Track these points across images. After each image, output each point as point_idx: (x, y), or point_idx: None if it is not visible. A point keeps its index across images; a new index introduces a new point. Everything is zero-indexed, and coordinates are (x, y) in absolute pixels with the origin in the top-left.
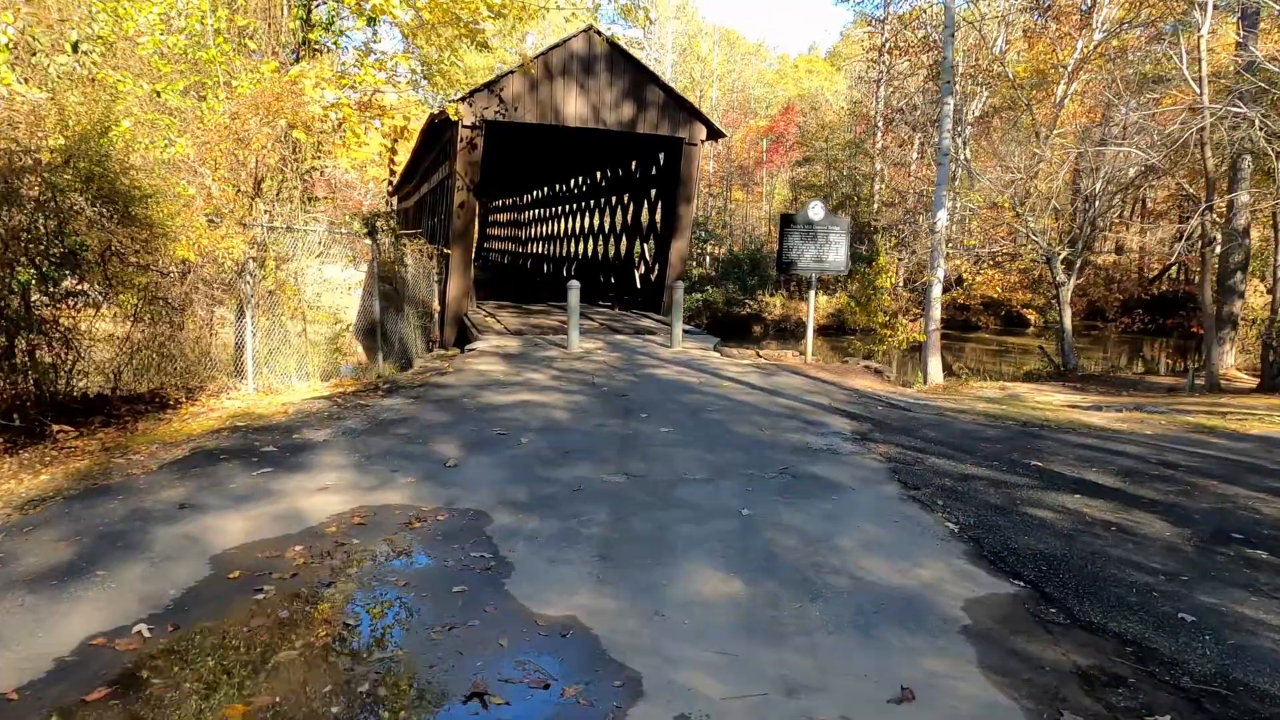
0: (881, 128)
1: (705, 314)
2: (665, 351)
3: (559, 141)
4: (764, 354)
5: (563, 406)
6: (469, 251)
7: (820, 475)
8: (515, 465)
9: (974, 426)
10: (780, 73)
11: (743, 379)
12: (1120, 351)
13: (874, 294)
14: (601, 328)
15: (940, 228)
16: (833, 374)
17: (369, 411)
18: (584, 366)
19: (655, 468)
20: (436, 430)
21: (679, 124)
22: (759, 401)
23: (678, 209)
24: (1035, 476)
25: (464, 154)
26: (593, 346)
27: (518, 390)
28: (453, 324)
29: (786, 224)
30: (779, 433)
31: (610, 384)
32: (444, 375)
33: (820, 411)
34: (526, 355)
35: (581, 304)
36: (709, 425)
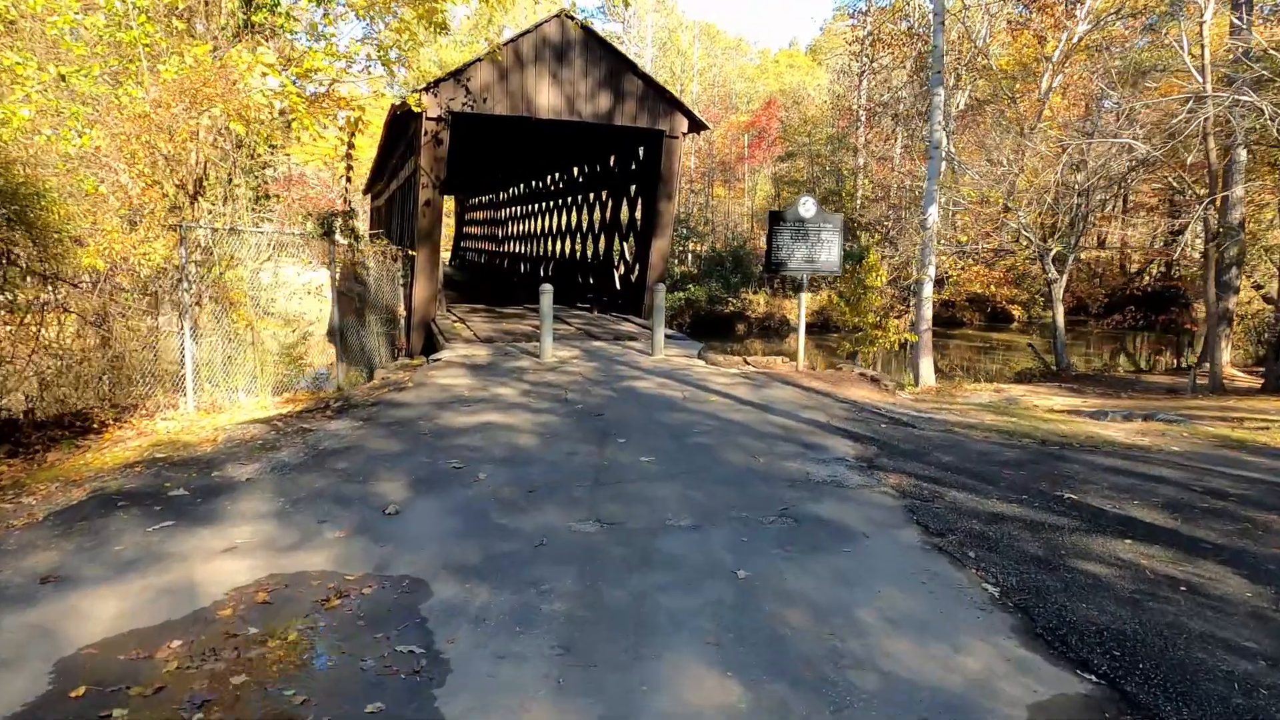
0: (864, 122)
1: (688, 312)
2: (646, 360)
3: (533, 135)
4: (752, 362)
5: (531, 429)
6: (436, 252)
7: (826, 518)
8: (469, 510)
9: (989, 447)
10: (761, 68)
11: (731, 393)
12: (1106, 348)
13: (864, 293)
14: (578, 333)
15: (931, 223)
16: (826, 383)
17: (310, 438)
18: (557, 379)
19: (634, 510)
20: (383, 463)
21: (658, 115)
22: (750, 420)
23: (658, 205)
24: (1073, 514)
25: (429, 148)
26: (568, 355)
27: (482, 409)
28: (420, 330)
29: (775, 221)
30: (775, 460)
31: (585, 400)
32: (402, 391)
33: (818, 431)
34: (495, 366)
35: (559, 306)
36: (695, 452)
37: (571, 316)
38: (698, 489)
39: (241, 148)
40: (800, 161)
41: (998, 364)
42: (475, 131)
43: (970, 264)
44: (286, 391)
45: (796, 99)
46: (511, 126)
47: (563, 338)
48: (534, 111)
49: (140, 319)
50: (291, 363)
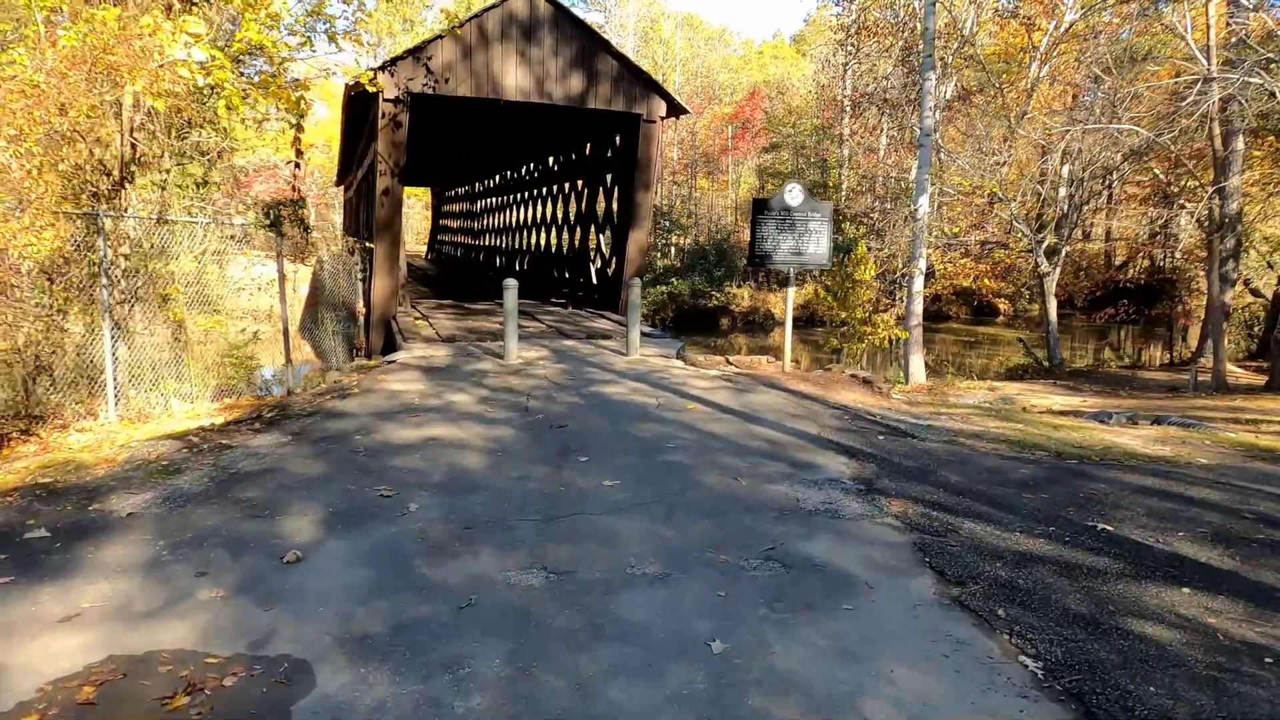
0: (849, 112)
1: (670, 306)
2: (620, 361)
3: (502, 120)
4: (735, 362)
5: (481, 446)
6: (396, 245)
7: (821, 560)
8: (388, 556)
9: (1001, 462)
10: (745, 59)
11: (711, 398)
12: (1092, 342)
13: (852, 287)
14: (549, 331)
15: (922, 215)
16: (815, 386)
17: (224, 458)
18: (520, 384)
19: (589, 554)
20: (299, 491)
21: (635, 98)
22: (731, 433)
23: (635, 196)
24: (1112, 552)
25: (386, 132)
26: (535, 356)
27: (431, 420)
28: (380, 328)
29: (760, 211)
30: (759, 483)
31: (548, 409)
32: (346, 398)
33: (809, 446)
34: (454, 369)
35: (534, 302)
36: (668, 473)
37: (544, 313)
38: (668, 522)
39: (172, 130)
40: (785, 153)
41: (987, 359)
42: (439, 115)
43: (958, 257)
44: (232, 396)
45: (780, 89)
46: (478, 110)
47: (532, 336)
48: (501, 93)
49: (49, 319)
50: (238, 365)
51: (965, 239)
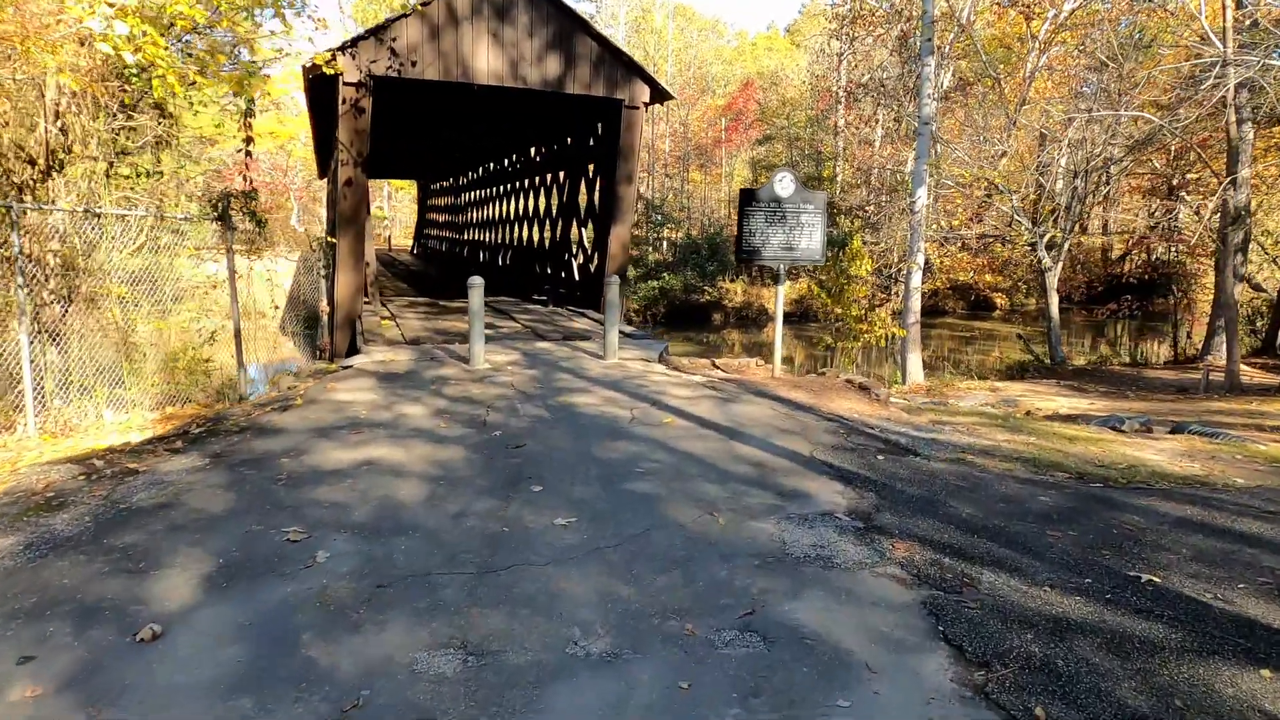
0: (844, 103)
1: (662, 302)
2: (595, 366)
3: (478, 107)
4: (722, 365)
5: (422, 472)
6: (360, 240)
7: (812, 632)
8: (272, 629)
9: (1017, 488)
10: (739, 50)
11: (691, 410)
12: (1089, 338)
13: (847, 283)
14: (524, 331)
15: (920, 207)
16: (808, 393)
17: (122, 489)
18: (482, 393)
19: (523, 625)
20: (192, 535)
21: (616, 83)
22: (711, 453)
23: (617, 187)
24: (1165, 615)
25: (348, 119)
26: (505, 360)
27: (373, 439)
28: (344, 329)
29: (748, 202)
30: (740, 519)
31: (508, 424)
32: (287, 410)
33: (799, 469)
34: (414, 375)
35: (514, 299)
36: (633, 507)
37: (522, 312)
38: (627, 575)
39: (102, 114)
40: (779, 145)
41: (985, 355)
42: (412, 101)
43: (955, 251)
44: (179, 404)
45: (774, 80)
46: (452, 96)
47: (504, 338)
48: (472, 76)
49: None
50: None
51: (964, 233)
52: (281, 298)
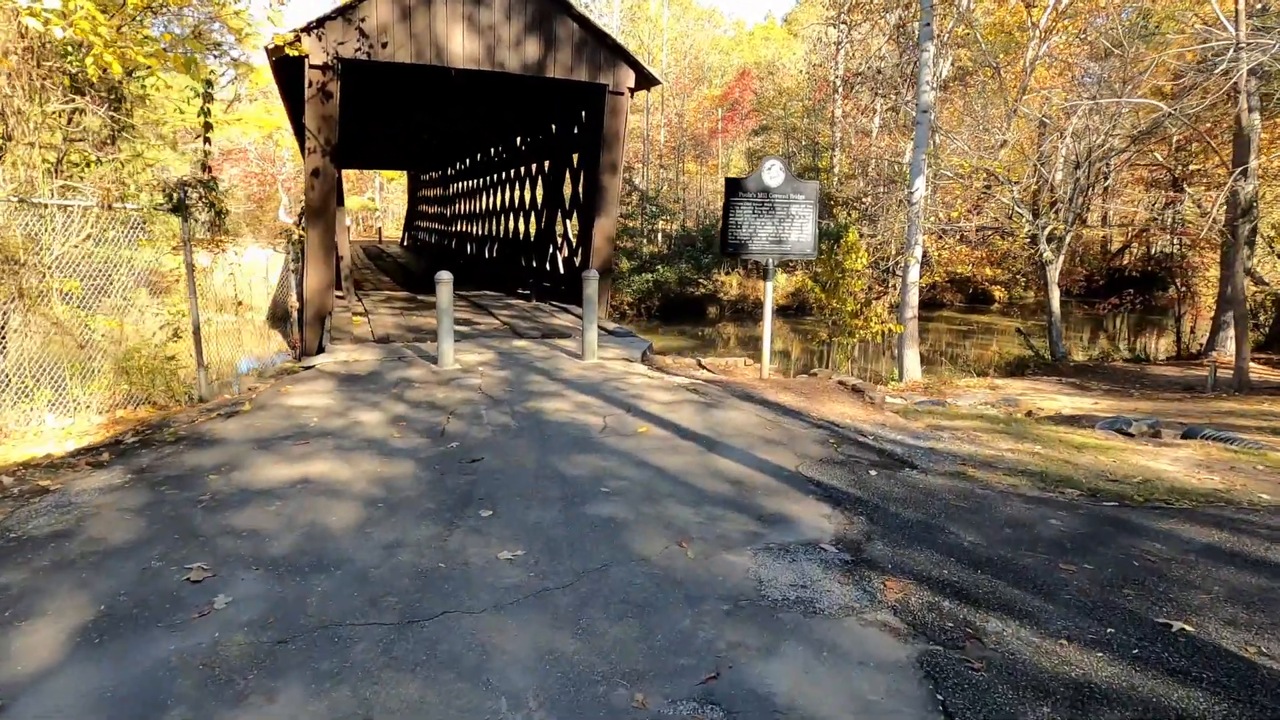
0: (841, 93)
1: (656, 295)
2: (572, 367)
3: (458, 94)
4: (708, 365)
5: (362, 493)
6: (330, 232)
7: (784, 703)
8: (136, 703)
9: (1024, 509)
10: (735, 40)
11: (670, 417)
12: (1088, 331)
13: (841, 277)
14: (502, 329)
15: (918, 198)
16: (798, 396)
17: (23, 512)
18: (447, 398)
19: (442, 694)
20: (79, 572)
21: (600, 67)
22: (688, 468)
23: (601, 177)
24: (1209, 679)
25: (315, 104)
26: (476, 360)
27: (318, 452)
28: (315, 326)
29: (734, 192)
30: (712, 551)
31: (468, 434)
32: (232, 417)
33: (783, 488)
34: (377, 377)
35: (497, 294)
36: (592, 536)
37: (502, 308)
38: (575, 627)
39: (36, 96)
40: (775, 135)
41: (983, 349)
42: (382, 86)
43: (954, 243)
44: (143, 404)
45: (771, 70)
46: (426, 81)
47: (479, 336)
48: (446, 60)
49: None
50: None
51: (963, 225)
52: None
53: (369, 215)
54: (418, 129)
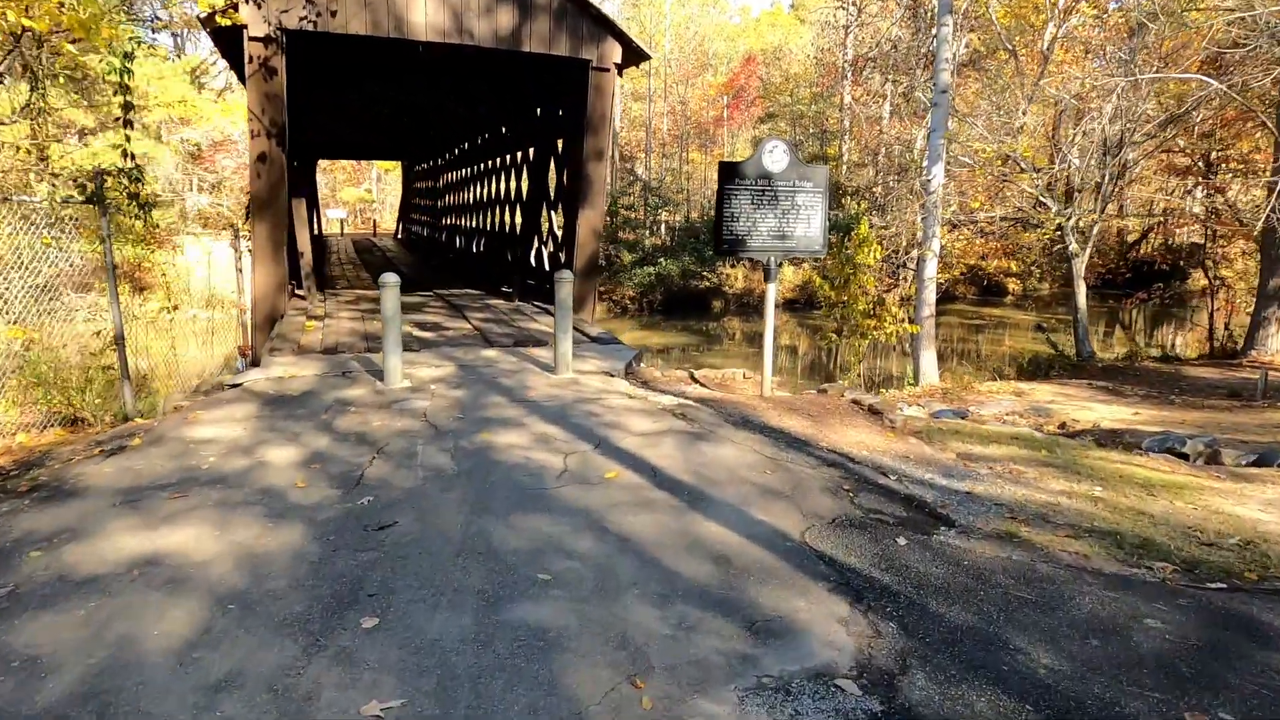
0: (850, 78)
1: (659, 288)
2: (542, 384)
3: (426, 71)
4: (703, 379)
5: (218, 582)
6: (281, 227)
7: None
8: None
9: (1109, 603)
10: (742, 27)
11: (647, 455)
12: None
13: (853, 273)
14: (472, 335)
15: (936, 186)
16: (804, 420)
17: None
18: (383, 427)
19: None
20: None
21: (582, 40)
22: (660, 538)
23: (586, 164)
24: None
25: (257, 81)
26: (432, 376)
27: (193, 510)
28: (265, 330)
29: (730, 179)
30: (678, 696)
31: (390, 482)
32: (115, 454)
33: (782, 568)
34: (310, 399)
35: (479, 293)
36: (510, 665)
37: (480, 309)
38: None
39: None
40: (781, 123)
41: (999, 345)
42: (339, 60)
43: (971, 236)
44: (63, 424)
45: (778, 55)
46: (389, 56)
47: (445, 344)
48: (407, 31)
49: None
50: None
51: (985, 214)
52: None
53: (366, 207)
54: (395, 114)
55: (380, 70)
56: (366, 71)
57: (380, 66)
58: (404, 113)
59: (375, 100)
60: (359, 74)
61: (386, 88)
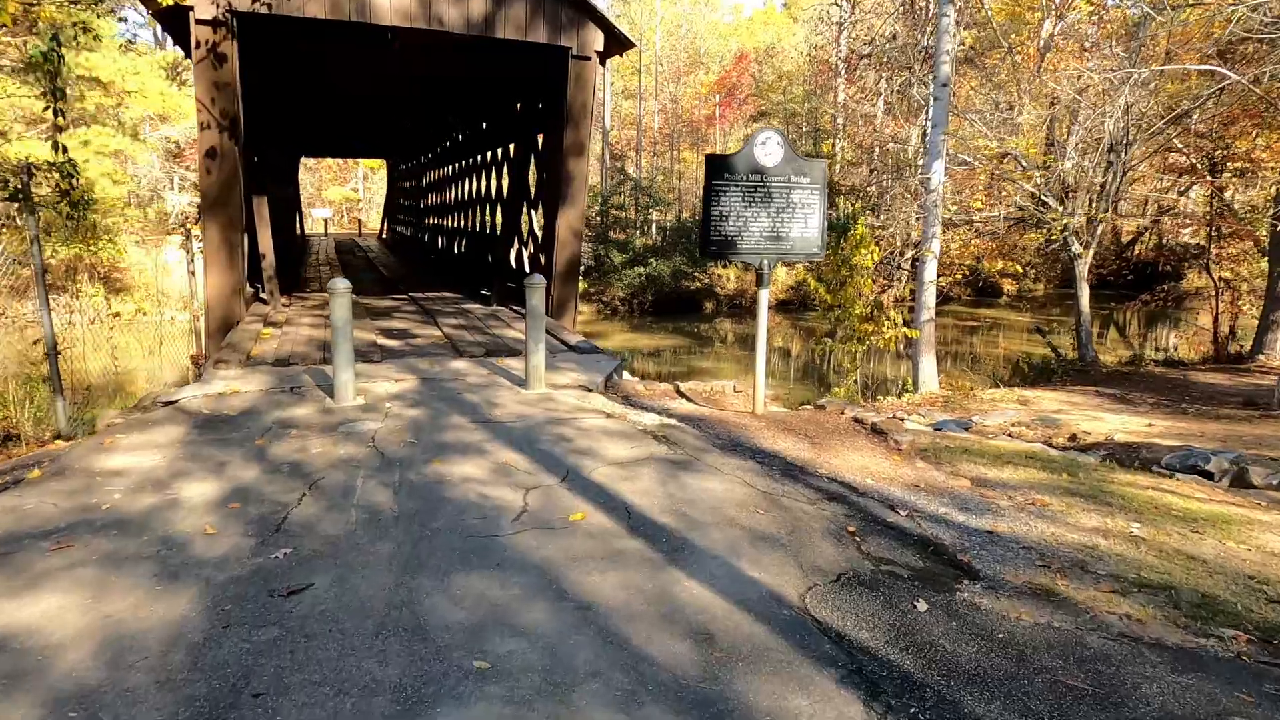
0: (844, 75)
1: (650, 289)
2: (511, 401)
3: (391, 59)
4: (689, 392)
5: (65, 675)
6: (235, 228)
7: None
8: None
9: (1178, 690)
10: (734, 25)
11: (622, 489)
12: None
13: (850, 276)
14: (442, 344)
15: (936, 185)
16: (801, 441)
17: None
18: (323, 455)
19: None
20: None
21: (561, 26)
22: (628, 605)
23: (566, 160)
24: None
25: (206, 68)
26: (390, 391)
27: (72, 566)
28: (219, 338)
29: (718, 175)
30: None
31: (316, 529)
32: (9, 489)
33: (778, 645)
34: (248, 420)
35: (457, 295)
36: None
37: (454, 314)
38: None
39: None
40: (774, 121)
41: (995, 347)
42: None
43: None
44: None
45: (771, 53)
46: (357, 43)
47: (410, 354)
48: (370, 15)
49: None
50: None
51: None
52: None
53: (353, 206)
54: (375, 111)
55: (350, 61)
56: (336, 62)
57: (350, 57)
58: (384, 109)
59: (353, 95)
60: (328, 64)
61: (359, 80)
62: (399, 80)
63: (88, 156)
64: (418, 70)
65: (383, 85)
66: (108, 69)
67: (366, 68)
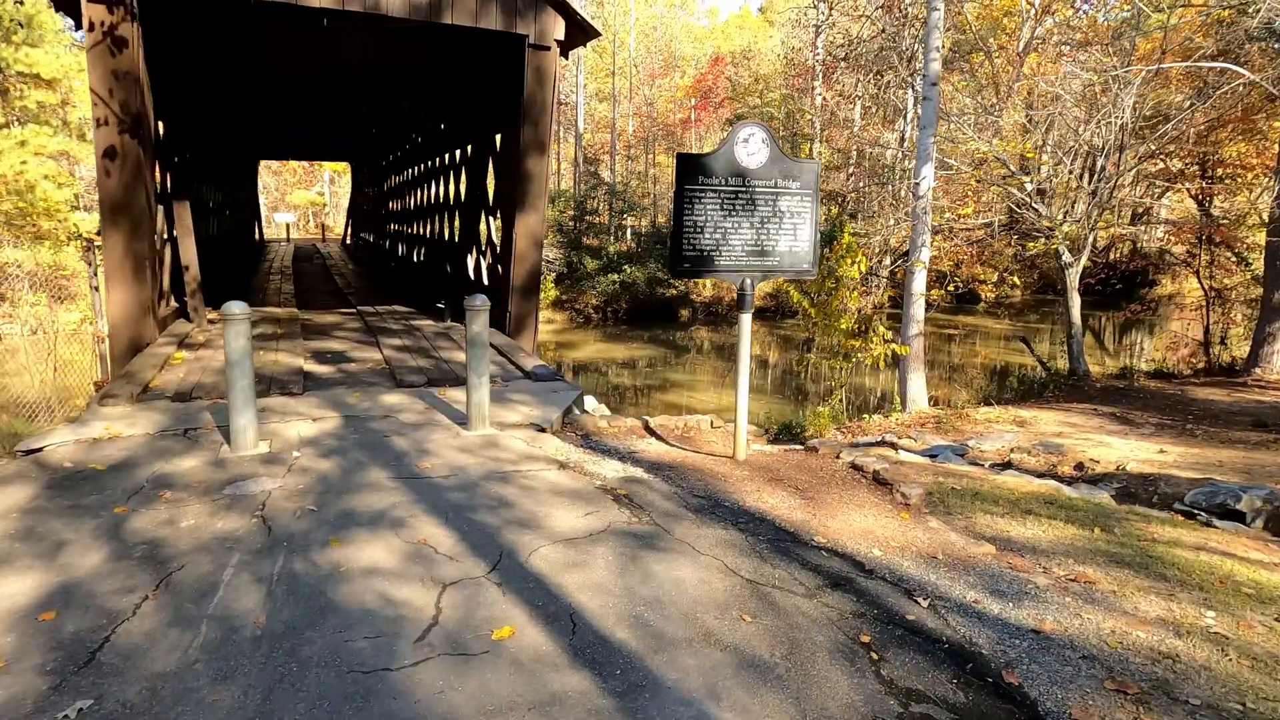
0: (822, 79)
1: (624, 297)
2: (449, 447)
3: (340, 50)
4: (660, 430)
5: None
6: (139, 237)
7: None
8: None
9: None
10: (710, 29)
11: (566, 587)
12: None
13: (835, 288)
14: (377, 370)
15: (925, 190)
16: (793, 497)
17: None
18: (192, 530)
19: None
20: None
21: (517, 13)
22: None
23: (525, 160)
24: None
25: (101, 56)
26: (303, 435)
27: None
28: (124, 363)
29: (691, 176)
30: None
31: (144, 659)
32: None
33: None
34: (117, 476)
35: (409, 309)
36: None
37: (402, 333)
38: None
39: None
40: None
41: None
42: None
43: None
44: None
45: (747, 55)
46: (291, 29)
47: (340, 383)
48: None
49: None
50: None
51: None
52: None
53: (319, 211)
54: (331, 110)
55: (291, 47)
56: (277, 49)
57: (290, 42)
58: (336, 100)
59: (300, 82)
60: (269, 51)
61: (302, 67)
62: (348, 68)
63: (25, 157)
64: (369, 56)
65: (330, 72)
66: (50, 65)
67: (309, 54)
